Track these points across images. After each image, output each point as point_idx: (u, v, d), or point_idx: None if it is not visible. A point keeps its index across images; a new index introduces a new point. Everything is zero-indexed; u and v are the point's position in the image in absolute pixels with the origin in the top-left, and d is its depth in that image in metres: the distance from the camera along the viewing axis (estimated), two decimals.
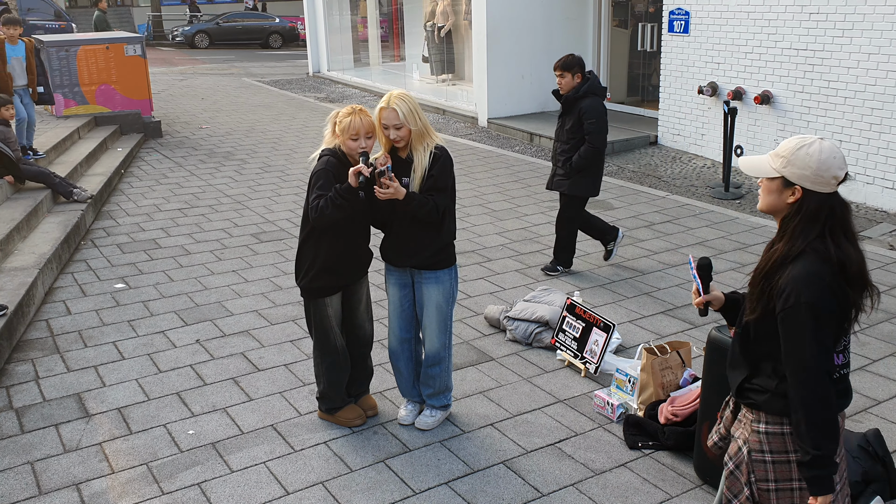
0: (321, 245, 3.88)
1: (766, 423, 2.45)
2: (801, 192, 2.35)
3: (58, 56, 11.37)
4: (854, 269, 2.33)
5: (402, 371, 4.18)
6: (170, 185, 9.32)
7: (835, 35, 8.15)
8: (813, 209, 2.34)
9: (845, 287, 2.32)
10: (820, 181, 2.33)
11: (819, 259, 2.31)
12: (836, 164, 2.33)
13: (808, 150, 2.33)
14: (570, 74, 5.84)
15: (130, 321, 5.56)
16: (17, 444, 4.10)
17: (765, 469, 2.46)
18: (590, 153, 5.87)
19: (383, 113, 3.70)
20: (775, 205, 2.41)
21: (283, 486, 3.73)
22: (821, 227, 2.33)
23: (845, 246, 2.33)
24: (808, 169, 2.33)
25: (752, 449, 2.48)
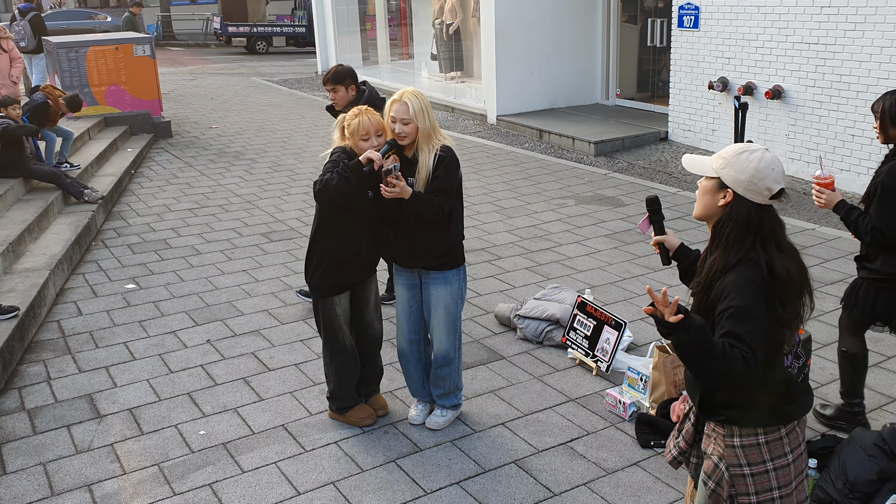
0: (329, 244, 3.88)
1: (739, 436, 2.45)
2: (732, 196, 2.38)
3: (68, 57, 11.41)
4: (789, 278, 2.35)
5: (412, 372, 4.17)
6: (180, 185, 9.34)
7: (847, 28, 8.08)
8: (742, 217, 2.36)
9: (779, 295, 2.33)
10: (753, 189, 2.36)
11: (753, 267, 2.32)
12: (772, 175, 2.34)
13: (749, 157, 2.36)
14: (343, 87, 5.15)
15: (141, 322, 5.57)
16: (29, 445, 4.11)
17: (745, 483, 2.45)
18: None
19: (394, 105, 3.70)
20: (708, 206, 2.45)
21: (294, 486, 3.72)
22: (752, 237, 2.35)
23: (777, 256, 2.35)
24: (744, 174, 2.35)
25: (729, 464, 2.46)
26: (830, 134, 8.44)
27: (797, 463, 2.48)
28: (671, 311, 2.26)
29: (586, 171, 9.53)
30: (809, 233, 7.06)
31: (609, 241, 6.95)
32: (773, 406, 2.42)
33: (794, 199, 8.27)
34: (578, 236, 7.13)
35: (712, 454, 2.50)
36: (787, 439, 2.45)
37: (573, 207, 8.01)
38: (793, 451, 2.47)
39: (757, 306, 2.29)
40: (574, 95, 12.84)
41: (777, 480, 2.44)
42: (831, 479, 3.34)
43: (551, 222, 7.55)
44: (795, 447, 2.47)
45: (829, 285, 5.87)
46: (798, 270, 2.39)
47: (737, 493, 2.46)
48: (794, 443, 2.47)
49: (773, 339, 2.35)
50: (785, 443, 2.45)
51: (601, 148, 10.47)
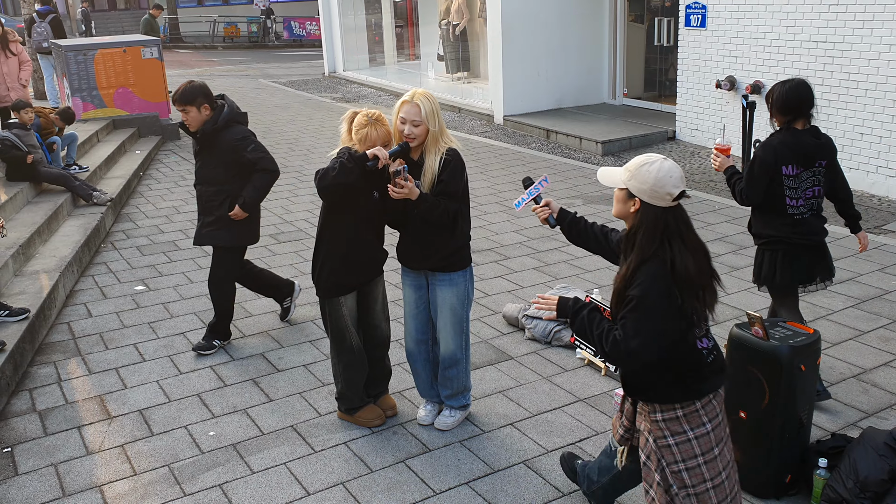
0: (334, 244, 3.89)
1: (661, 411, 2.75)
2: (640, 203, 2.66)
3: (76, 60, 11.46)
4: (686, 274, 2.60)
5: (420, 372, 4.18)
6: (188, 186, 9.36)
7: (855, 26, 8.05)
8: (650, 221, 2.64)
9: (679, 288, 2.60)
10: (656, 196, 2.63)
11: (659, 263, 2.61)
12: (671, 182, 2.62)
13: (650, 168, 2.64)
14: (195, 108, 4.74)
15: (151, 323, 5.59)
16: (40, 446, 4.14)
17: (671, 452, 2.74)
18: (268, 180, 4.96)
19: (405, 106, 3.69)
20: (622, 212, 2.75)
21: (304, 486, 3.73)
22: (660, 236, 2.63)
23: (681, 254, 2.61)
24: (646, 184, 2.63)
25: (656, 437, 2.76)
26: (839, 132, 8.40)
27: (717, 431, 2.76)
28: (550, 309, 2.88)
29: (594, 170, 9.52)
30: None
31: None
32: (686, 384, 2.72)
33: None
34: None
35: (643, 430, 2.81)
36: (704, 411, 2.74)
37: (581, 207, 8.00)
38: (711, 421, 2.75)
39: (653, 299, 2.59)
40: (581, 95, 12.83)
41: (700, 448, 2.74)
42: (842, 479, 3.33)
43: None
44: (713, 417, 2.76)
45: (838, 284, 5.85)
46: (696, 268, 2.64)
47: (666, 463, 2.75)
48: (712, 413, 2.76)
49: (674, 327, 2.63)
50: (702, 414, 2.73)
51: (609, 147, 10.46)
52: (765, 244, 4.25)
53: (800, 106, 4.09)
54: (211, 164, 4.88)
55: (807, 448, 3.58)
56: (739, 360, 3.49)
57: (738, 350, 3.50)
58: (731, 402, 3.55)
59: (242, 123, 4.97)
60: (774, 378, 3.37)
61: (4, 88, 9.52)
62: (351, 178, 3.62)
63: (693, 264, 2.63)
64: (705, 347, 2.76)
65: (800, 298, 4.34)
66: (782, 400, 3.39)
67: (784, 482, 3.52)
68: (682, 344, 2.69)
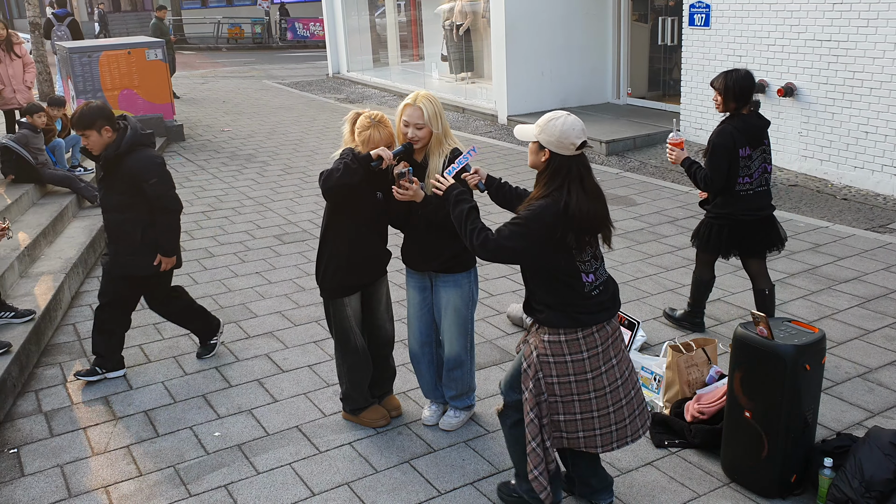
0: (338, 245, 3.89)
1: (548, 333, 3.19)
2: (549, 154, 3.08)
3: (80, 62, 11.49)
4: (578, 214, 3.04)
5: (424, 374, 4.18)
6: (193, 188, 9.39)
7: (859, 25, 8.03)
8: (556, 167, 3.08)
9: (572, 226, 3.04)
10: (561, 146, 3.06)
11: (552, 201, 3.05)
12: (574, 133, 3.05)
13: (556, 122, 3.06)
14: (95, 131, 4.40)
15: (156, 324, 5.61)
16: (46, 447, 4.15)
17: (549, 367, 3.18)
18: (173, 219, 4.70)
19: (407, 109, 3.69)
20: (535, 162, 3.17)
21: (309, 487, 3.74)
22: (561, 180, 3.07)
23: (578, 195, 3.05)
24: (553, 136, 3.06)
25: (539, 353, 3.19)
26: (843, 131, 8.39)
27: (593, 360, 3.18)
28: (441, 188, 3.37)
29: (598, 170, 9.51)
30: (823, 230, 7.02)
31: (621, 240, 6.93)
32: (567, 312, 3.13)
33: (808, 197, 8.23)
34: None
35: (531, 343, 3.24)
36: (584, 341, 3.16)
37: None
38: (588, 351, 3.17)
39: (534, 223, 3.04)
40: (585, 95, 12.82)
41: (573, 369, 3.17)
42: (847, 479, 3.32)
43: None
44: (592, 348, 3.17)
45: (844, 283, 5.84)
46: (589, 210, 3.07)
47: (543, 376, 3.19)
48: (591, 344, 3.17)
49: (538, 252, 3.07)
50: (581, 343, 3.16)
51: (613, 147, 10.45)
52: (714, 218, 4.80)
53: (749, 93, 4.60)
54: (117, 191, 4.53)
55: (812, 448, 3.58)
56: (744, 360, 3.48)
57: (742, 349, 3.49)
58: (736, 402, 3.56)
59: (147, 145, 4.59)
60: (779, 377, 3.36)
61: (10, 91, 9.58)
62: (355, 178, 3.63)
63: (587, 206, 3.06)
64: (590, 282, 3.14)
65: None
66: (787, 399, 3.38)
67: (789, 482, 3.52)
68: (562, 274, 3.11)
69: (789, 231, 7.01)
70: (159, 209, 4.59)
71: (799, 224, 7.22)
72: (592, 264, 3.16)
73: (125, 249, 4.60)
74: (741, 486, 3.62)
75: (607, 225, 3.18)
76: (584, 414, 3.21)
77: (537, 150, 3.14)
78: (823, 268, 6.16)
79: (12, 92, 9.58)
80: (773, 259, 6.34)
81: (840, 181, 8.51)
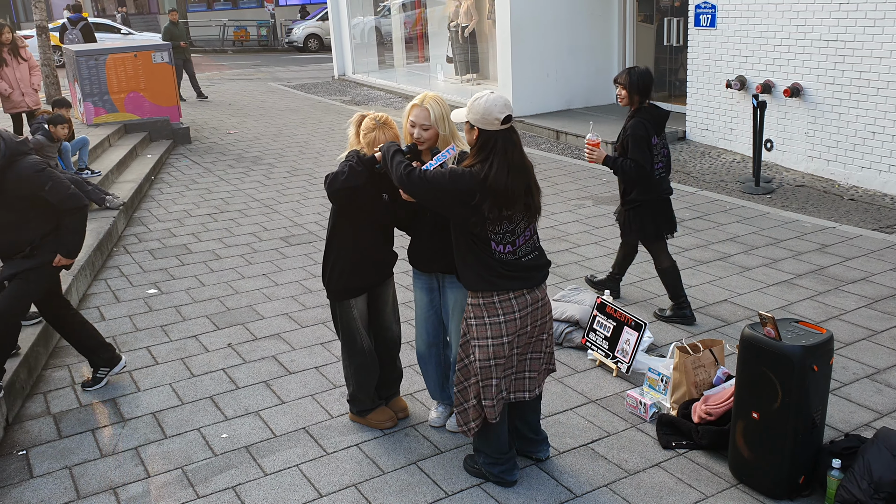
0: (344, 247, 3.90)
1: (471, 297, 3.47)
2: (478, 131, 3.33)
3: (87, 65, 11.54)
4: (494, 185, 3.27)
5: (431, 375, 4.18)
6: (199, 190, 9.41)
7: (866, 25, 8.01)
8: (483, 141, 3.33)
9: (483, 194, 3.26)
10: (486, 122, 3.31)
11: (476, 171, 3.29)
12: (496, 109, 3.29)
13: (479, 101, 3.32)
14: None
15: (163, 326, 5.62)
16: (55, 448, 4.17)
17: (472, 329, 3.47)
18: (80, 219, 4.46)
19: (414, 110, 3.71)
20: (470, 140, 3.41)
21: (317, 488, 3.75)
22: (486, 153, 3.31)
23: (498, 169, 3.28)
24: (478, 113, 3.31)
25: (466, 316, 3.50)
26: (850, 131, 8.37)
27: (509, 325, 3.42)
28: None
29: (604, 171, 9.51)
30: (830, 231, 7.00)
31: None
32: (482, 275, 3.38)
33: (815, 197, 8.21)
34: (597, 237, 7.12)
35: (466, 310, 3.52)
36: (501, 306, 3.41)
37: (591, 208, 8.00)
38: (505, 315, 3.41)
39: (455, 178, 3.28)
40: (590, 96, 12.82)
41: (490, 332, 3.42)
42: (856, 480, 3.31)
43: (569, 223, 7.54)
44: (509, 312, 3.41)
45: (851, 284, 5.82)
46: (507, 183, 3.29)
47: (468, 338, 3.48)
48: (508, 309, 3.41)
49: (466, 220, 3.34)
50: (498, 307, 3.41)
51: None
52: (640, 205, 5.21)
53: (650, 88, 5.12)
54: (3, 208, 4.25)
55: (820, 449, 3.57)
56: (752, 361, 3.48)
57: (750, 350, 3.49)
58: (744, 403, 3.55)
59: (25, 153, 4.29)
60: (787, 378, 3.35)
61: (19, 94, 9.67)
62: (360, 180, 3.64)
63: (504, 180, 3.29)
64: (501, 252, 3.38)
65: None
66: (795, 400, 3.37)
67: (797, 483, 3.51)
68: (477, 239, 3.37)
69: (795, 232, 7.01)
70: (66, 212, 4.34)
71: (806, 224, 7.20)
72: (507, 237, 3.38)
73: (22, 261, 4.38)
74: (749, 488, 3.61)
75: (528, 198, 3.40)
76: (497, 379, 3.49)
77: (469, 129, 3.40)
78: (831, 268, 6.14)
79: (20, 95, 9.66)
80: (780, 260, 6.34)
81: (847, 181, 8.49)
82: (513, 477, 3.70)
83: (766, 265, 6.26)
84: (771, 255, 6.49)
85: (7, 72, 9.54)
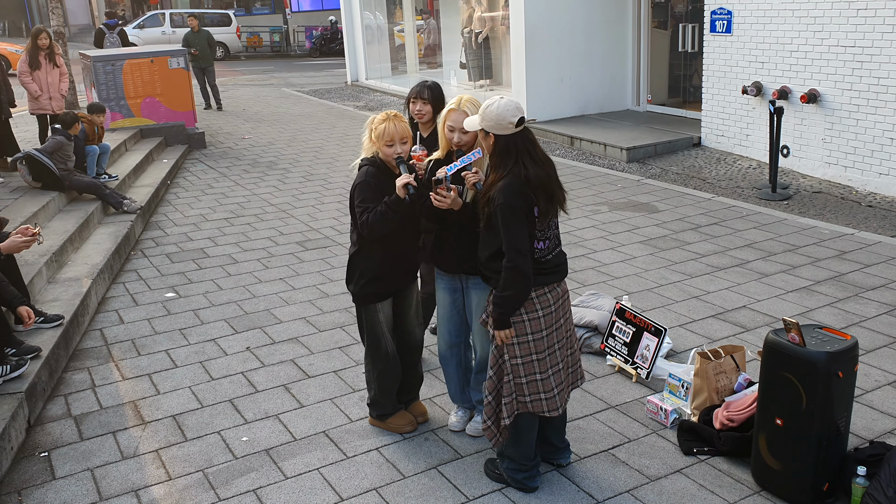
0: (372, 255, 3.90)
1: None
2: (494, 137, 3.38)
3: (104, 70, 11.62)
4: (537, 182, 3.35)
5: (452, 376, 4.18)
6: (215, 195, 9.45)
7: (884, 31, 7.98)
8: (502, 146, 3.38)
9: (531, 194, 3.33)
10: (500, 127, 3.36)
11: (513, 176, 3.34)
12: (508, 114, 3.34)
13: (492, 108, 3.36)
14: None
15: (182, 330, 5.64)
16: (76, 451, 4.18)
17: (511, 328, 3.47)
18: None
19: (452, 114, 3.66)
20: (486, 147, 3.46)
21: (337, 492, 3.75)
22: (514, 157, 3.36)
23: (531, 167, 3.36)
24: (492, 120, 3.35)
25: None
26: (868, 137, 8.33)
27: (547, 318, 3.48)
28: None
29: (619, 176, 9.50)
30: (848, 237, 6.96)
31: (644, 247, 6.92)
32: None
33: (832, 203, 8.17)
34: (613, 243, 7.10)
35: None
36: (539, 300, 3.45)
37: (607, 214, 7.98)
38: (543, 309, 3.46)
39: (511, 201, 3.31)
40: (605, 102, 12.81)
41: (531, 328, 3.46)
42: (882, 487, 3.29)
43: (585, 229, 7.53)
44: (546, 307, 3.47)
45: (871, 290, 5.79)
46: (545, 176, 3.40)
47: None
48: (545, 303, 3.47)
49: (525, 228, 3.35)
50: (536, 302, 3.44)
51: (633, 154, 10.43)
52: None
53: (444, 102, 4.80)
54: None
55: (845, 456, 3.54)
56: (776, 366, 3.46)
57: (774, 356, 3.47)
58: (768, 409, 3.53)
59: None
60: (811, 385, 3.34)
61: (46, 97, 9.89)
62: (397, 222, 3.71)
63: (543, 173, 3.38)
64: (539, 248, 3.43)
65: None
66: (819, 407, 3.35)
67: (822, 490, 3.48)
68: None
69: (813, 238, 6.98)
70: None
71: (824, 231, 7.17)
72: (545, 232, 3.45)
73: None
74: (772, 495, 3.59)
75: (561, 189, 3.49)
76: (541, 374, 3.50)
77: (484, 136, 3.43)
78: (850, 275, 6.11)
79: (48, 99, 9.88)
80: (798, 266, 6.31)
81: (865, 188, 8.44)
82: (535, 483, 3.70)
83: (784, 271, 6.23)
84: (789, 261, 6.46)
85: (39, 75, 9.78)
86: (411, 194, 3.61)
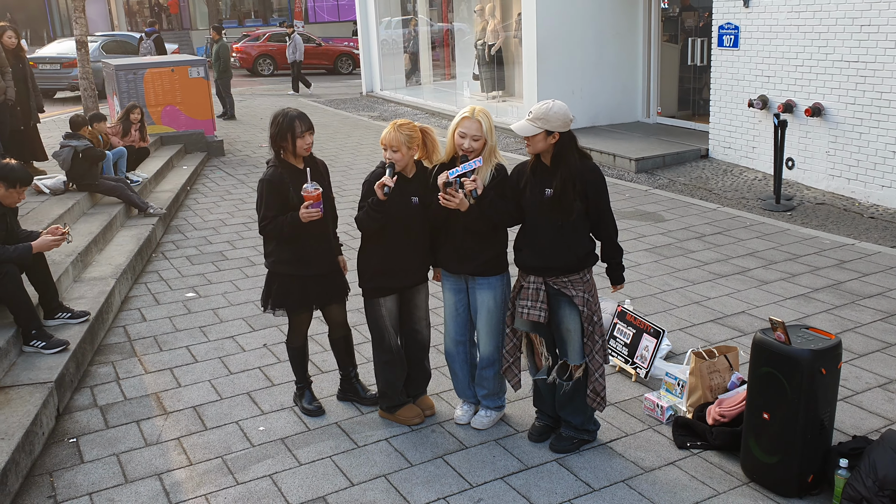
0: (375, 254, 4.19)
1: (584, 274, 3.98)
2: (559, 135, 3.80)
3: (126, 79, 11.96)
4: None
5: (458, 372, 4.40)
6: (234, 200, 9.73)
7: (886, 46, 8.17)
8: (566, 142, 3.83)
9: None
10: (566, 125, 3.80)
11: (589, 162, 3.92)
12: (568, 110, 3.81)
13: (555, 110, 3.76)
14: None
15: (202, 327, 5.89)
16: (103, 437, 4.43)
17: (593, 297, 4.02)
18: None
19: (465, 122, 3.93)
20: (542, 148, 3.85)
21: (349, 478, 3.97)
22: (573, 149, 3.85)
23: (584, 152, 3.92)
24: (559, 120, 3.77)
25: (584, 290, 3.95)
26: (871, 151, 8.50)
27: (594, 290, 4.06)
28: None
29: (627, 187, 9.70)
30: (849, 248, 7.14)
31: (649, 254, 7.11)
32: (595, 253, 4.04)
33: (834, 215, 8.34)
34: None
35: (578, 292, 3.95)
36: (590, 275, 4.04)
37: None
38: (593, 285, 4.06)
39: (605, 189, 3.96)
40: (615, 113, 13.02)
41: (595, 298, 4.03)
42: (861, 478, 3.47)
43: None
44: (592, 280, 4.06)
45: (867, 298, 5.96)
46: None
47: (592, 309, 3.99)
48: (591, 278, 4.06)
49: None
50: (589, 278, 4.02)
51: (642, 165, 10.63)
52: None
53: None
54: None
55: (829, 449, 3.73)
56: (762, 363, 3.66)
57: (761, 353, 3.67)
58: (755, 404, 3.73)
59: None
60: (796, 381, 3.53)
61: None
62: (381, 220, 4.02)
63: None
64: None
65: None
66: (804, 402, 3.54)
67: (806, 482, 3.67)
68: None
69: (813, 248, 7.15)
70: None
71: (825, 241, 7.34)
72: None
73: None
74: (760, 486, 3.78)
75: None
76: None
77: (544, 137, 3.80)
78: (848, 283, 6.28)
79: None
80: (798, 274, 6.49)
81: (867, 200, 8.61)
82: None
83: (784, 279, 6.42)
84: (789, 269, 6.64)
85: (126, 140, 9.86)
86: (387, 194, 3.91)
